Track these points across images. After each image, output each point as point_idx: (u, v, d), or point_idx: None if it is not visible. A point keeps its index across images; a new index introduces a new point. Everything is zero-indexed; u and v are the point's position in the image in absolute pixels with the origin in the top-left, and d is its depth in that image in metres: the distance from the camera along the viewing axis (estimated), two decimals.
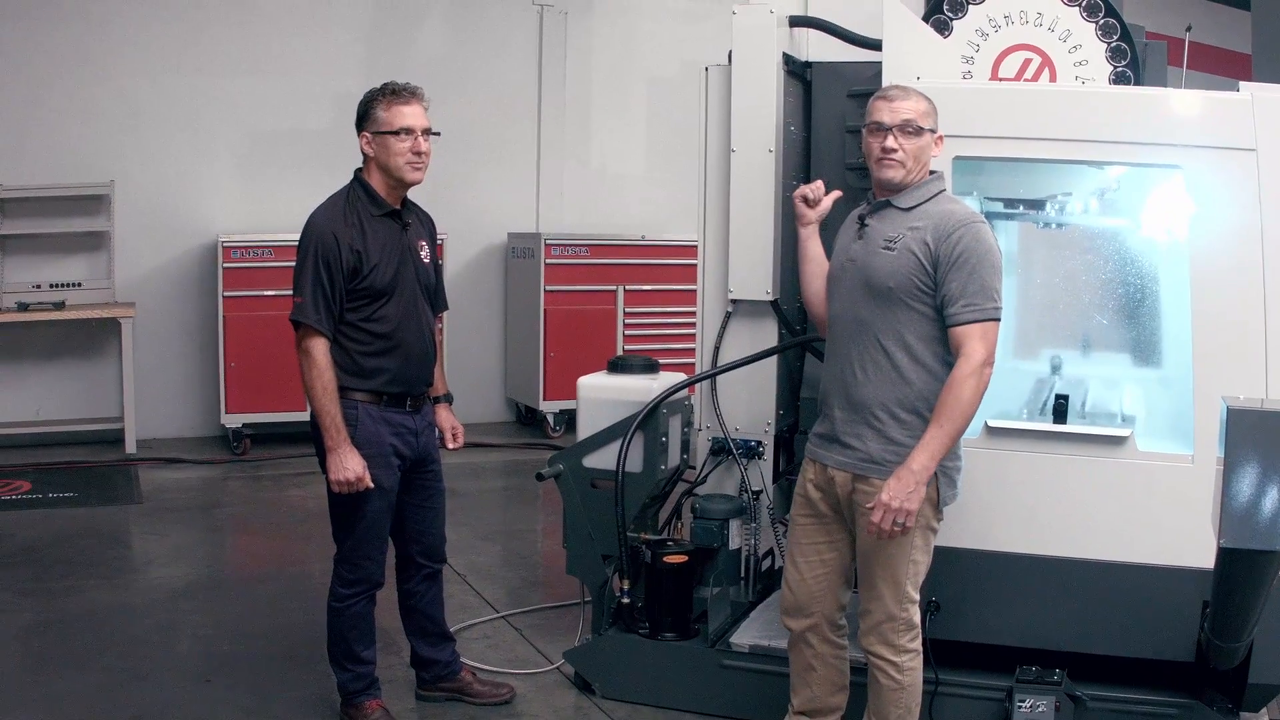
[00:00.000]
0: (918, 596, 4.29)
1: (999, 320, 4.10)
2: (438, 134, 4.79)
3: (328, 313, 4.60)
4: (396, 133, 4.65)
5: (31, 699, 5.24)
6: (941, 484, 4.19)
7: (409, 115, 4.67)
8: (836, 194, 4.62)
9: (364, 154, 4.73)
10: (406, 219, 4.83)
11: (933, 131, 4.23)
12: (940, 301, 4.10)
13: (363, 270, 4.62)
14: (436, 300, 5.03)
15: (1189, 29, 5.63)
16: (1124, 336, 5.09)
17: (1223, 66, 11.20)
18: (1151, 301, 4.97)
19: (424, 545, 5.06)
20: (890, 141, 4.18)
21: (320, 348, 4.59)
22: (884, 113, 4.20)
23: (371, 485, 4.63)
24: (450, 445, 5.14)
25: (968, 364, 4.02)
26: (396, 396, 4.76)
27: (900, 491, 4.03)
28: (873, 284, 4.19)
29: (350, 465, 4.57)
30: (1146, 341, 5.03)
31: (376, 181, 4.74)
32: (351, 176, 4.80)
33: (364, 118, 4.72)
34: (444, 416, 5.14)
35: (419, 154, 4.69)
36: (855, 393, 4.23)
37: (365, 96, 4.74)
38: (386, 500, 4.78)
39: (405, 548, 5.05)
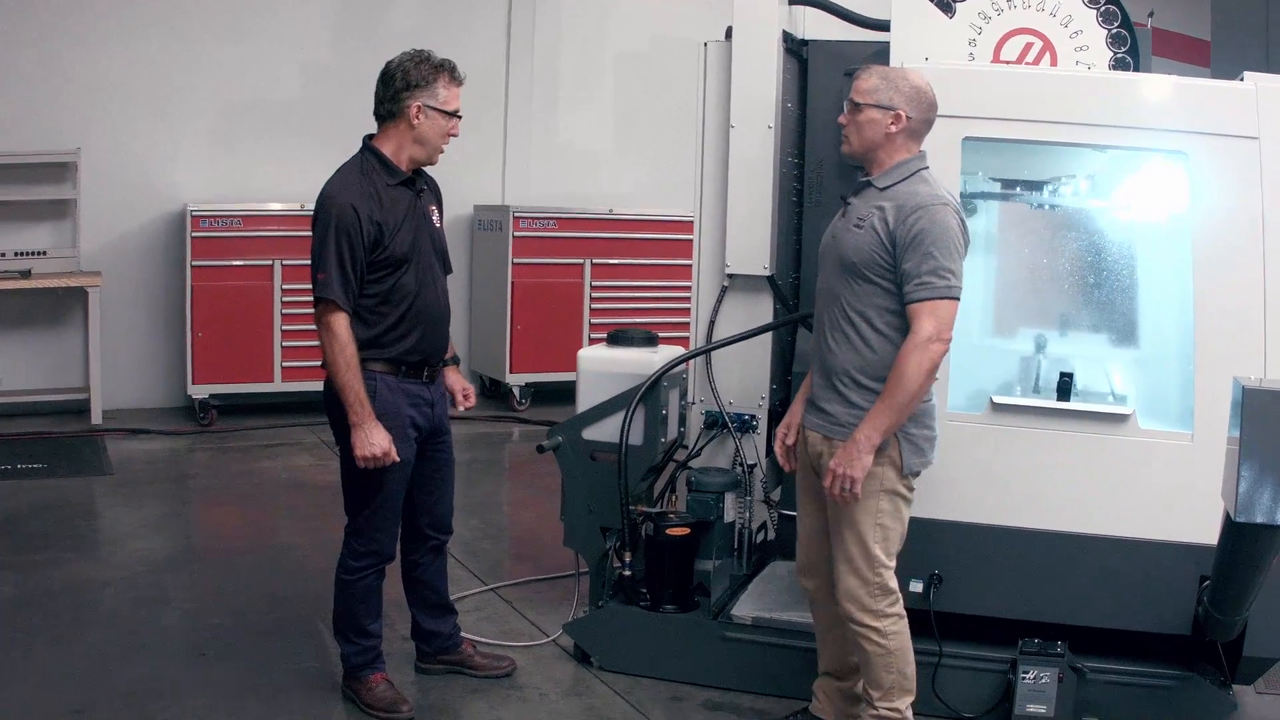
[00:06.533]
0: (892, 563, 4.35)
1: (955, 299, 4.16)
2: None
3: (349, 287, 4.56)
4: (451, 113, 4.69)
5: (25, 675, 5.16)
6: (905, 450, 4.27)
7: (458, 100, 4.72)
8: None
9: (407, 121, 4.65)
10: (420, 186, 4.82)
11: (882, 108, 4.25)
12: (899, 280, 4.19)
13: (384, 241, 4.59)
14: (444, 264, 5.00)
15: (1151, 14, 5.69)
16: (1124, 318, 5.15)
17: (1185, 53, 11.34)
18: (1152, 284, 5.04)
19: (433, 517, 5.06)
20: (841, 117, 4.36)
21: (342, 322, 4.54)
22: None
23: (398, 459, 4.62)
24: (461, 406, 5.10)
25: (913, 340, 4.12)
26: (415, 366, 4.74)
27: (844, 459, 4.18)
28: (843, 260, 4.31)
29: (377, 440, 4.55)
30: (1146, 323, 5.10)
31: (394, 150, 4.69)
32: (360, 145, 4.76)
33: (420, 86, 4.62)
34: (453, 378, 5.09)
35: (452, 137, 4.76)
36: (827, 360, 4.38)
37: (423, 63, 4.64)
38: (403, 473, 4.76)
39: (414, 519, 5.02)
